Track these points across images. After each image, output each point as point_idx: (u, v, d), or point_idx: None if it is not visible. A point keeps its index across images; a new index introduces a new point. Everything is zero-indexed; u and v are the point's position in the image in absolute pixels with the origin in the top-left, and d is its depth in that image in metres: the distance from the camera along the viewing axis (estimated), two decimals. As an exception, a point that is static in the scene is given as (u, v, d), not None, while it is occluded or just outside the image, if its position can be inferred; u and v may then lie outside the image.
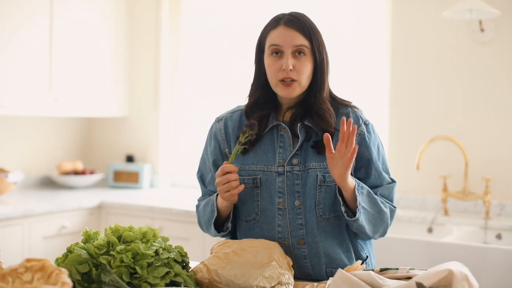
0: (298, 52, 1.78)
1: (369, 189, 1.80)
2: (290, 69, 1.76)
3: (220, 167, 1.75)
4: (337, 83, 3.70)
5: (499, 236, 2.99)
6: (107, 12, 4.10)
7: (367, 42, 3.62)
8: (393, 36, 3.47)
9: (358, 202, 1.73)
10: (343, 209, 1.77)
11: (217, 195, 1.85)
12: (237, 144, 1.75)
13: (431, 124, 3.36)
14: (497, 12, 2.99)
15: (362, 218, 1.75)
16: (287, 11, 1.87)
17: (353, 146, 1.65)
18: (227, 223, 1.86)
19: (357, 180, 1.77)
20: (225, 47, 4.10)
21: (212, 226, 1.86)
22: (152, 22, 4.24)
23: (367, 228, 1.79)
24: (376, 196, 1.81)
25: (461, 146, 3.18)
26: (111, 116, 4.28)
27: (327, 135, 1.67)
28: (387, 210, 1.83)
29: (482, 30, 3.20)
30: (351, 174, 1.78)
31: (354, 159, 1.67)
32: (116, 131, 4.45)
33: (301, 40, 1.77)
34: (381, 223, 1.82)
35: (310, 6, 3.75)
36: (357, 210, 1.73)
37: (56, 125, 4.31)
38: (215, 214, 1.84)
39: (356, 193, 1.73)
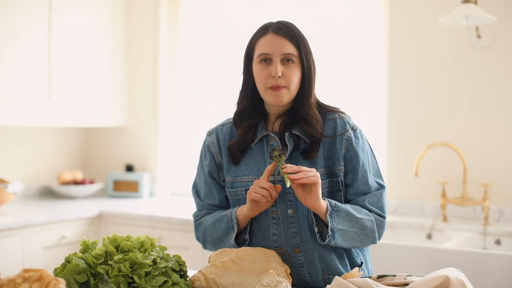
0: (286, 60, 1.80)
1: (348, 208, 1.78)
2: (279, 76, 1.78)
3: (267, 183, 1.73)
4: (338, 87, 3.71)
5: (498, 242, 2.99)
6: (105, 20, 4.11)
7: (365, 48, 3.63)
8: (391, 43, 3.48)
9: (329, 228, 1.73)
10: (316, 229, 1.78)
11: (236, 210, 1.84)
12: (283, 162, 1.73)
13: (429, 130, 3.37)
14: (494, 18, 3.00)
15: (337, 240, 1.76)
16: (279, 16, 1.89)
17: (305, 176, 1.66)
18: (244, 234, 1.86)
19: (332, 203, 1.76)
20: (226, 58, 4.09)
21: (232, 240, 1.83)
22: (150, 30, 4.25)
23: (350, 245, 1.80)
24: (356, 214, 1.78)
25: (459, 152, 3.19)
26: (110, 125, 4.29)
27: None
28: (371, 224, 1.81)
29: (478, 36, 3.21)
30: (342, 181, 1.82)
31: (319, 185, 1.69)
32: (115, 141, 4.45)
33: (290, 48, 1.79)
34: (366, 238, 1.82)
35: (310, 7, 3.76)
36: (327, 236, 1.74)
37: (56, 135, 4.32)
38: (235, 230, 1.82)
39: (328, 218, 1.73)
